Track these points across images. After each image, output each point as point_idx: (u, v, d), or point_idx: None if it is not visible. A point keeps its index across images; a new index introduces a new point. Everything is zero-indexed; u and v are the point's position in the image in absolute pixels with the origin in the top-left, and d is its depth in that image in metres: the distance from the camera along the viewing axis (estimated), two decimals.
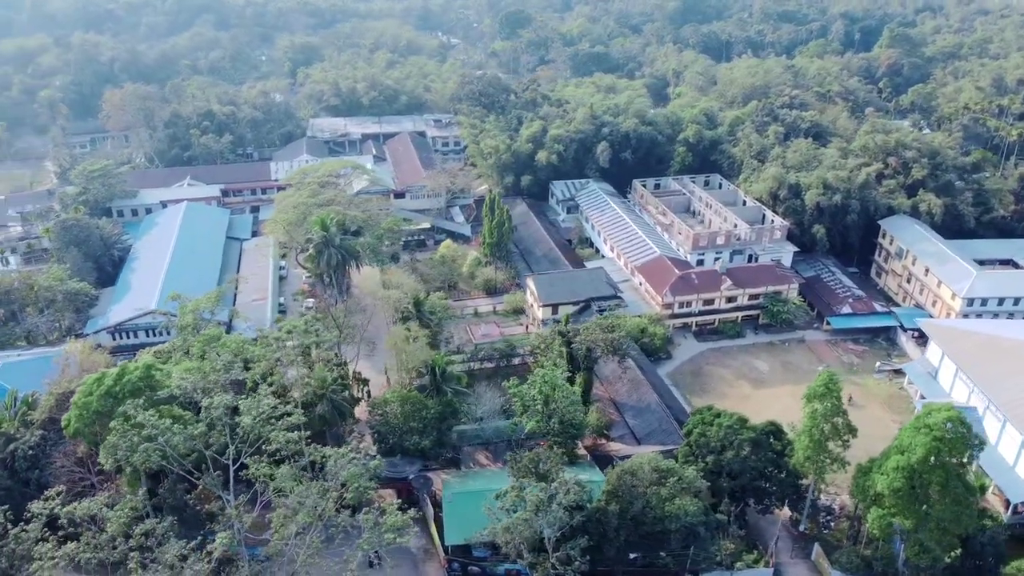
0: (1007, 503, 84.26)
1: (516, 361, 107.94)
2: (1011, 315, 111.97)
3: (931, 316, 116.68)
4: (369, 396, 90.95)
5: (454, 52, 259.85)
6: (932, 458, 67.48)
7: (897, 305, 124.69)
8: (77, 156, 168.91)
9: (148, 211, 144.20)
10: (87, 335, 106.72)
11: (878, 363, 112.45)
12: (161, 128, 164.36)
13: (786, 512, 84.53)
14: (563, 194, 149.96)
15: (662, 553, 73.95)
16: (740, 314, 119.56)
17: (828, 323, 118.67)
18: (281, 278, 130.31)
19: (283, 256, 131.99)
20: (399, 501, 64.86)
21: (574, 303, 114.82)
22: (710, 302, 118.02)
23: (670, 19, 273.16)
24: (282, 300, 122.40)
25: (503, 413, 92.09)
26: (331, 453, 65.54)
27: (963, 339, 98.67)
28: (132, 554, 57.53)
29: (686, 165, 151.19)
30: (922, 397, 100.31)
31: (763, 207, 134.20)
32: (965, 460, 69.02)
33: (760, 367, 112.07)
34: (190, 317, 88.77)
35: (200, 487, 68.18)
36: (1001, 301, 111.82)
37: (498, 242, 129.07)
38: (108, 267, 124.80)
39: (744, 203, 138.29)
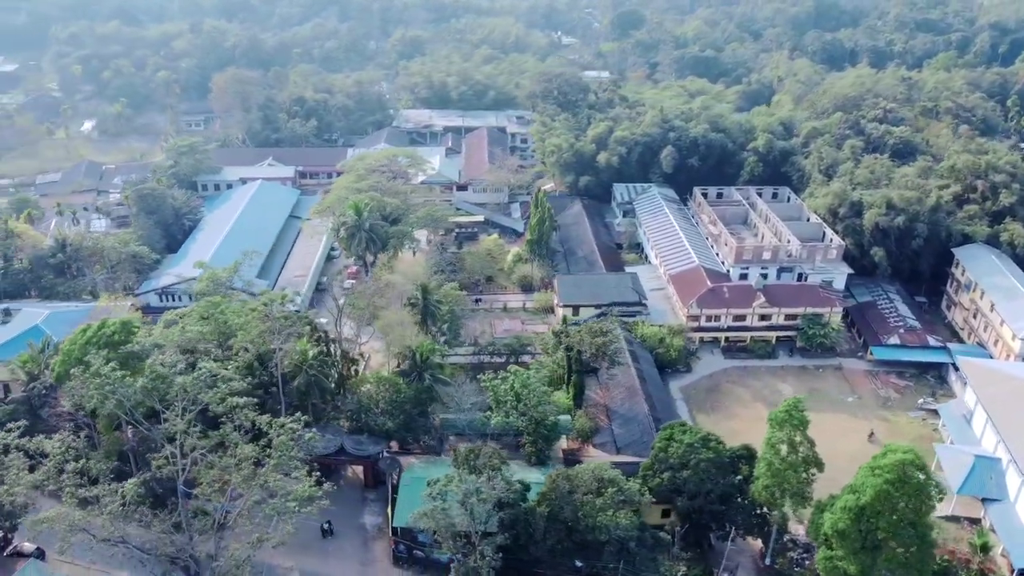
0: (1011, 568, 75.70)
1: (527, 359, 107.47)
2: None
3: (990, 356, 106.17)
4: (356, 374, 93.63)
5: (564, 51, 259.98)
6: (882, 502, 62.02)
7: (961, 341, 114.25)
8: (190, 133, 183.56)
9: (229, 187, 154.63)
10: (138, 295, 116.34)
11: (920, 400, 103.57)
12: (255, 110, 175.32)
13: (759, 543, 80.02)
14: (622, 197, 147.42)
15: (597, 564, 72.03)
16: (776, 334, 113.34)
17: (871, 353, 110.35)
18: (332, 258, 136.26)
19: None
20: (318, 475, 66.54)
21: (596, 306, 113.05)
22: (741, 318, 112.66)
23: (793, 25, 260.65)
24: (324, 279, 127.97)
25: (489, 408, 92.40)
26: (266, 421, 68.35)
27: (1002, 383, 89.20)
28: (68, 488, 62.96)
29: (756, 175, 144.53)
30: (952, 442, 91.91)
31: (824, 225, 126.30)
32: (922, 508, 62.76)
33: (783, 390, 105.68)
34: (204, 284, 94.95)
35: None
36: None
37: (538, 239, 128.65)
38: (178, 235, 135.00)
39: (808, 219, 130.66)
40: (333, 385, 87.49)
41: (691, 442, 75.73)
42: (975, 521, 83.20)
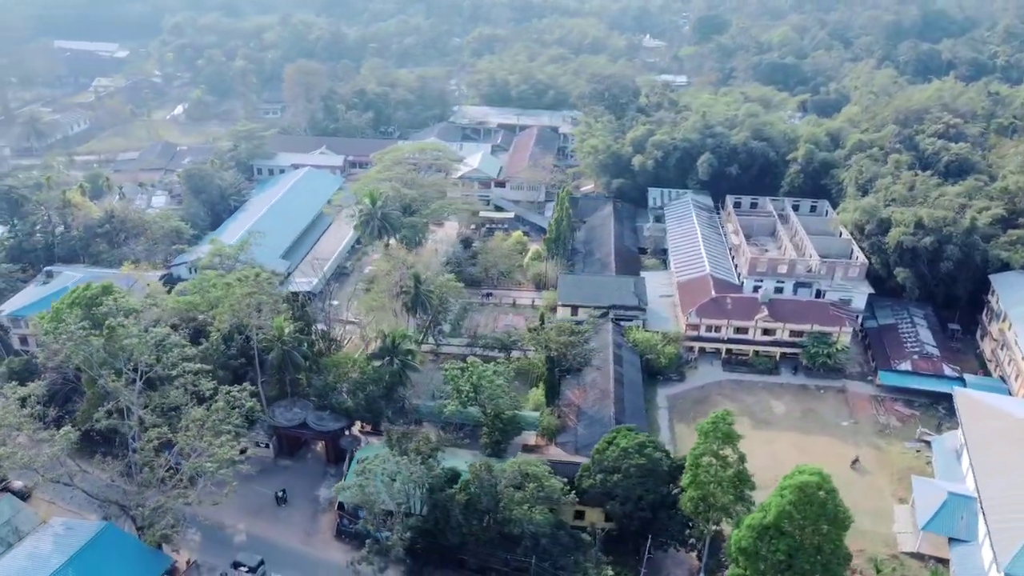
0: None
1: (517, 354, 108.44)
2: None
3: (1009, 391, 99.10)
4: (332, 353, 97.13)
5: (644, 54, 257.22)
6: (784, 522, 59.94)
7: (988, 373, 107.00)
8: (265, 120, 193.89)
9: (281, 171, 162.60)
10: (171, 267, 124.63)
11: (919, 430, 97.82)
12: (317, 101, 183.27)
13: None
14: (655, 202, 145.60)
15: (516, 557, 72.63)
16: (780, 350, 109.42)
17: (879, 377, 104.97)
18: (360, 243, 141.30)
19: None
20: (246, 442, 70.37)
21: (594, 307, 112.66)
22: (743, 331, 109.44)
23: (890, 34, 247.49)
24: (348, 264, 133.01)
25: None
26: (211, 387, 72.76)
27: (992, 419, 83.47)
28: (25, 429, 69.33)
29: (796, 187, 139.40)
30: (937, 477, 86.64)
31: (853, 242, 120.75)
32: (827, 532, 60.01)
33: (776, 408, 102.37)
34: (208, 259, 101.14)
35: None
36: None
37: (555, 238, 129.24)
38: (223, 214, 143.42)
39: (840, 235, 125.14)
40: (307, 362, 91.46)
41: (626, 447, 74.97)
42: (943, 561, 78.27)
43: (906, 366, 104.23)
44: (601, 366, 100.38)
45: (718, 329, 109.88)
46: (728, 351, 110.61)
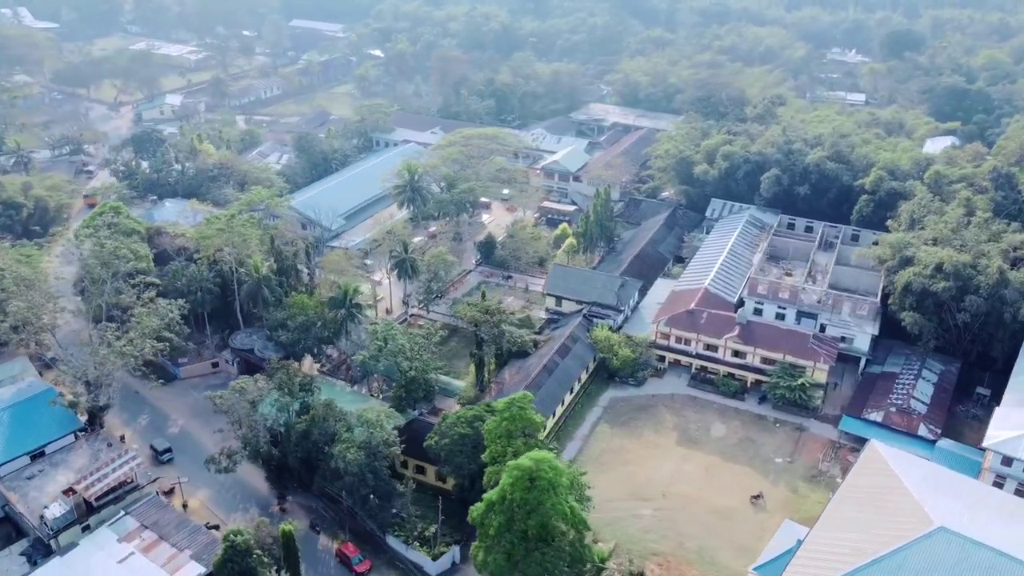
0: None
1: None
2: None
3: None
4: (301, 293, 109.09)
5: (824, 67, 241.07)
6: (504, 500, 62.17)
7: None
8: (416, 100, 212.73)
9: (395, 145, 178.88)
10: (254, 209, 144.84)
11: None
12: (449, 86, 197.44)
13: None
14: (713, 213, 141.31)
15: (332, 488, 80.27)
16: (751, 376, 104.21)
17: (841, 423, 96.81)
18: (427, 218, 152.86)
19: None
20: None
21: (576, 301, 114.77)
22: (713, 348, 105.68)
23: None
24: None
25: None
26: (149, 298, 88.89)
27: (880, 475, 75.54)
28: None
29: (864, 216, 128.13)
30: None
31: (883, 279, 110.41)
32: (547, 514, 60.79)
33: (715, 431, 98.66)
34: (241, 203, 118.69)
35: None
36: None
37: (584, 232, 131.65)
38: (324, 174, 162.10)
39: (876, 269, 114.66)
40: (274, 298, 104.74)
41: (462, 416, 79.25)
42: None
43: (877, 417, 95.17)
44: (545, 354, 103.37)
45: (688, 342, 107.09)
46: (700, 367, 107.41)
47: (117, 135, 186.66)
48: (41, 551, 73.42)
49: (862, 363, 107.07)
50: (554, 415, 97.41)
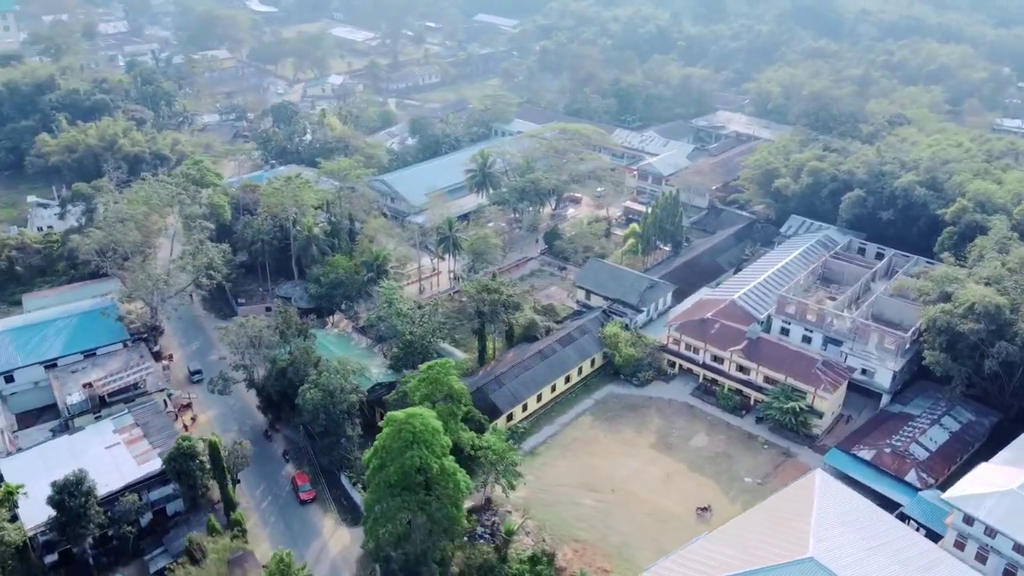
0: None
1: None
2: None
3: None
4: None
5: (1009, 92, 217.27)
6: (383, 450, 67.89)
7: None
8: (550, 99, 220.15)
9: (509, 135, 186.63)
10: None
11: None
12: (576, 83, 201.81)
13: None
14: (789, 229, 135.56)
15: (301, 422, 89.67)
16: (755, 394, 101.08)
17: (827, 455, 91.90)
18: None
19: None
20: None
21: (603, 296, 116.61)
22: (719, 360, 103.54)
23: None
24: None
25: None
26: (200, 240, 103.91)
27: (799, 501, 72.68)
28: None
29: (947, 247, 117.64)
30: None
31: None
32: (416, 463, 65.77)
33: (696, 441, 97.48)
34: (320, 172, 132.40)
35: None
36: (992, 533, 71.52)
37: (642, 232, 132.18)
38: (437, 153, 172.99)
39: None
40: (323, 256, 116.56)
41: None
42: None
43: (866, 455, 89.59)
44: (548, 340, 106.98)
45: (696, 351, 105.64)
46: (708, 378, 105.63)
47: None
48: (64, 430, 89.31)
49: (883, 399, 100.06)
50: (540, 398, 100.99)
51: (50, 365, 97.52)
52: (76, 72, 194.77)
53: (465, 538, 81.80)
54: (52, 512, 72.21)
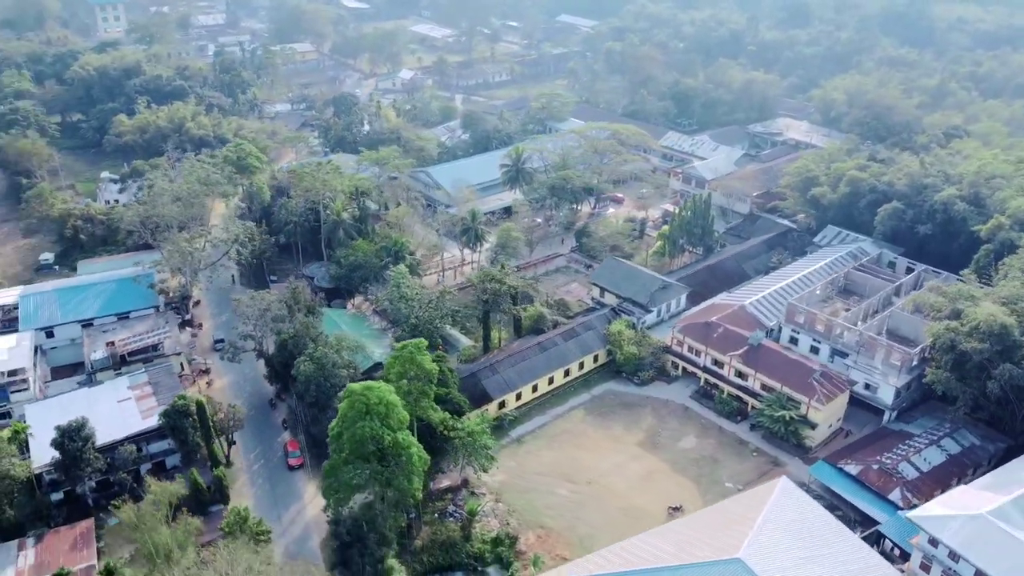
0: None
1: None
2: None
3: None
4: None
5: None
6: (342, 420, 71.63)
7: None
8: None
9: (550, 131, 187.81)
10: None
11: None
12: (634, 84, 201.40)
13: None
14: (823, 238, 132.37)
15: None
16: (753, 400, 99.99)
17: (811, 467, 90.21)
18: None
19: None
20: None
21: (615, 294, 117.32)
22: (720, 364, 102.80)
23: None
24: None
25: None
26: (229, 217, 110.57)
27: (750, 503, 72.36)
28: None
29: (981, 265, 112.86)
30: None
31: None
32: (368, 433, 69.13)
33: (684, 443, 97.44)
34: (362, 161, 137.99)
35: None
36: (956, 557, 69.09)
37: (668, 234, 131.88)
38: (489, 148, 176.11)
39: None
40: (350, 239, 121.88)
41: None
42: None
43: (852, 469, 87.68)
44: (551, 333, 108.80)
45: (698, 353, 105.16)
46: (709, 382, 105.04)
47: None
48: (88, 383, 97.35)
49: (886, 415, 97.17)
50: (535, 389, 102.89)
51: (87, 324, 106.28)
52: (163, 59, 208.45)
53: (436, 515, 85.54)
54: (57, 454, 79.45)
